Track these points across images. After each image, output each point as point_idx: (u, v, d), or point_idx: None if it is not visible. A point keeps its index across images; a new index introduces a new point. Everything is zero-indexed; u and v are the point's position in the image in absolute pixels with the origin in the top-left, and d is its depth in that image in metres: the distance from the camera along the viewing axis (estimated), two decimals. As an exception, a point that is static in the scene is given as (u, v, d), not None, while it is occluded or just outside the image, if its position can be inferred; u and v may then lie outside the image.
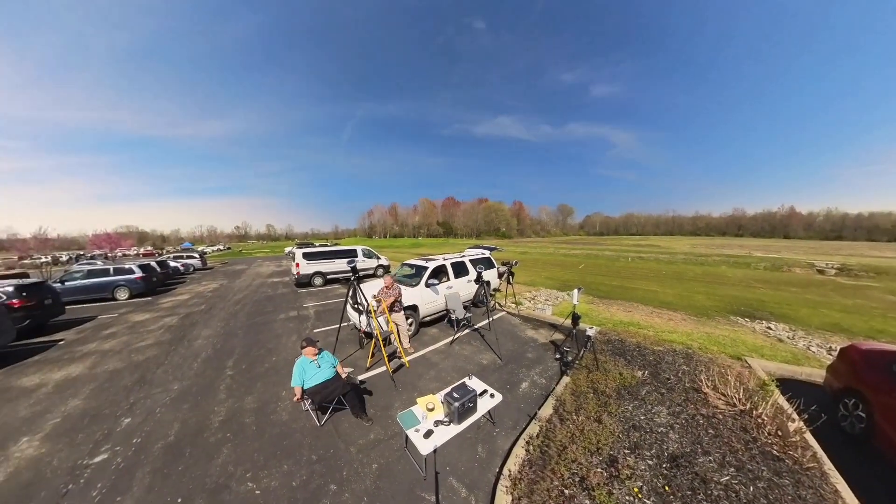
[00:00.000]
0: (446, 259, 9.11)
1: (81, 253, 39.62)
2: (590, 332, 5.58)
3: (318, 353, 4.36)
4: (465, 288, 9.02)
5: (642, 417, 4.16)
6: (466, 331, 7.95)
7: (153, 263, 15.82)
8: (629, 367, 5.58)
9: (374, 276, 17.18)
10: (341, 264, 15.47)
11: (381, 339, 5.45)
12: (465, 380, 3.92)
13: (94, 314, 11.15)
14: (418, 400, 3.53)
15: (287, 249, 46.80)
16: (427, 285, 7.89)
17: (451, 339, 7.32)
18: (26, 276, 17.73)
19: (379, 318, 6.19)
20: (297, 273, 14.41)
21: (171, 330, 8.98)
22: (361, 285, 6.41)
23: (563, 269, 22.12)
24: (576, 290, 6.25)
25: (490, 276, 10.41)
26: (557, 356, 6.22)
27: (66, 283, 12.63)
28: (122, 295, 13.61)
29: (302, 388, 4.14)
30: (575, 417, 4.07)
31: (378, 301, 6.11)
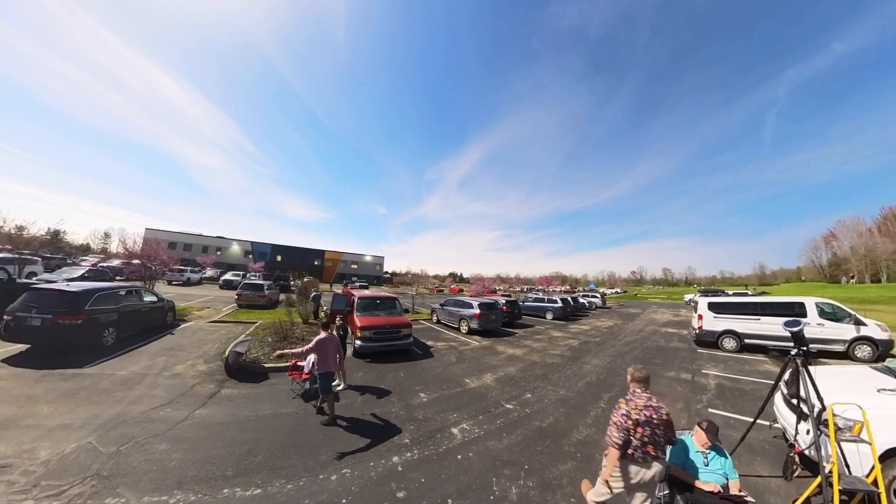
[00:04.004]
0: None
1: (533, 287, 60.58)
2: None
3: (712, 447, 3.19)
4: None
5: None
6: None
7: (569, 298, 21.43)
8: None
9: (845, 355, 9.79)
10: (772, 325, 10.30)
11: (835, 479, 2.98)
12: None
13: (534, 324, 16.71)
14: None
15: (687, 297, 40.83)
16: None
17: None
18: (510, 296, 30.06)
19: (843, 443, 3.40)
20: (699, 328, 11.73)
21: (571, 349, 11.05)
22: (812, 369, 3.62)
23: None
24: None
25: None
26: None
27: (525, 303, 20.70)
28: (549, 316, 19.97)
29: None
30: None
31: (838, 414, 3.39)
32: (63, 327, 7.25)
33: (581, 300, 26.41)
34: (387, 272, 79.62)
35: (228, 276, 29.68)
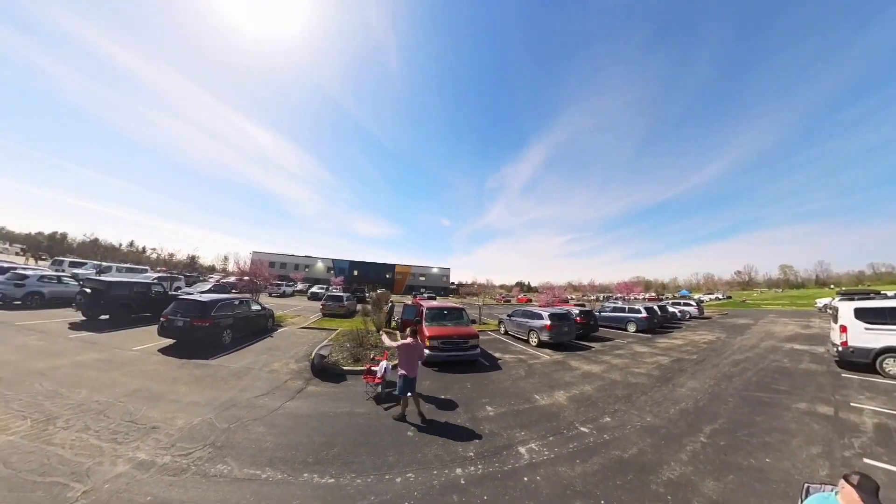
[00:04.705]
0: None
1: (610, 295, 54.60)
2: None
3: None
4: None
5: None
6: None
7: (655, 307, 18.39)
8: None
9: None
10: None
11: None
12: None
13: (613, 337, 14.97)
14: None
15: (821, 302, 31.91)
16: None
17: None
18: (584, 306, 27.49)
19: None
20: (842, 344, 9.04)
21: (660, 368, 9.59)
22: None
23: None
24: None
25: None
26: None
27: (601, 314, 18.41)
28: (631, 328, 17.30)
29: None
30: None
31: None
32: (197, 328, 9.13)
33: (671, 309, 22.99)
34: (453, 283, 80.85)
35: (315, 289, 34.05)
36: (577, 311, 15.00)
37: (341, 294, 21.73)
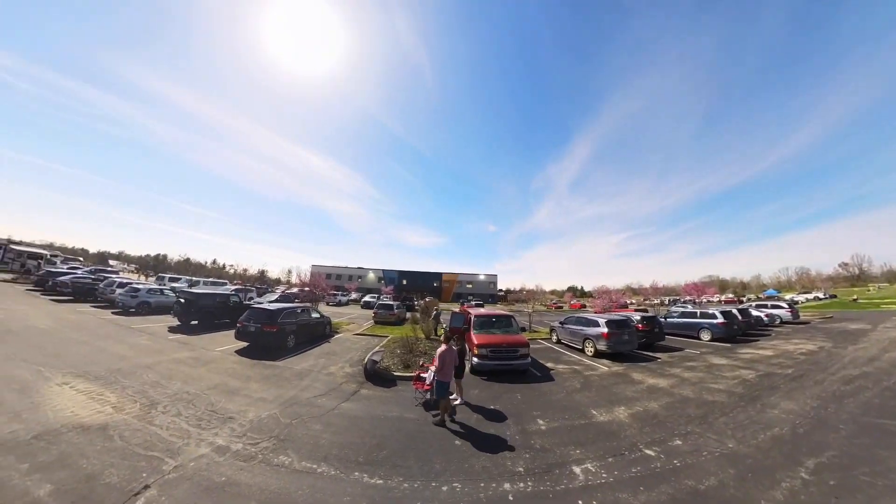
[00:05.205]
0: None
1: (678, 298, 48.69)
2: None
3: None
4: None
5: None
6: None
7: (734, 310, 15.77)
8: None
9: None
10: None
11: None
12: None
13: (683, 347, 13.30)
14: None
15: None
16: None
17: None
18: (646, 311, 24.99)
19: None
20: None
21: (745, 385, 8.28)
22: None
23: None
24: None
25: None
26: None
27: (667, 320, 16.35)
28: (705, 336, 15.00)
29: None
30: None
31: None
32: (266, 333, 10.19)
33: (755, 313, 19.33)
34: (500, 290, 79.38)
35: (367, 298, 36.02)
36: (639, 318, 13.61)
37: (392, 302, 22.63)
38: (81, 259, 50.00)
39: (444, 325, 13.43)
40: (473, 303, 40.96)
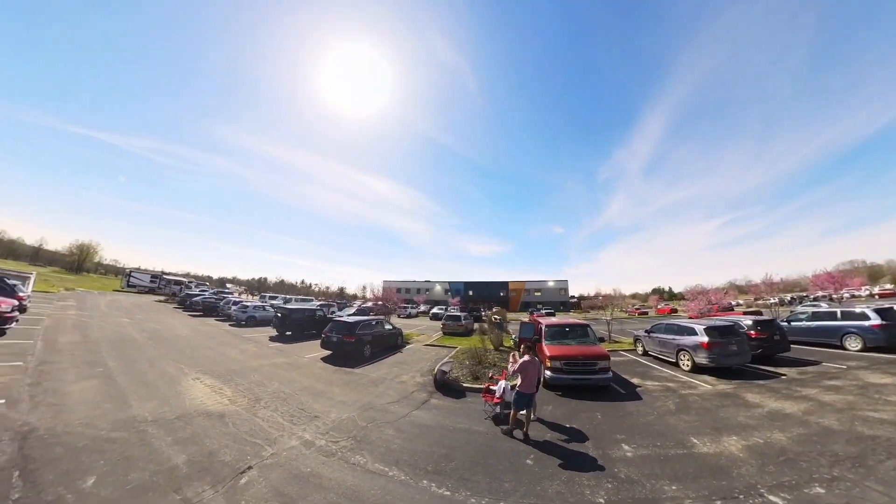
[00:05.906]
0: None
1: (805, 295, 38.64)
2: None
3: None
4: None
5: None
6: None
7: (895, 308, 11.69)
8: None
9: None
10: None
11: None
12: None
13: (819, 360, 10.48)
14: None
15: None
16: None
17: None
18: (760, 313, 20.55)
19: None
20: None
21: (925, 414, 6.15)
22: None
23: None
24: None
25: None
26: None
27: (792, 324, 13.15)
28: (853, 345, 11.48)
29: None
30: None
31: None
32: (346, 343, 11.32)
33: None
34: (572, 296, 73.84)
35: (435, 309, 37.16)
36: (751, 322, 11.17)
37: (459, 314, 22.92)
38: (207, 284, 62.32)
39: (514, 337, 12.97)
40: (544, 311, 38.92)
